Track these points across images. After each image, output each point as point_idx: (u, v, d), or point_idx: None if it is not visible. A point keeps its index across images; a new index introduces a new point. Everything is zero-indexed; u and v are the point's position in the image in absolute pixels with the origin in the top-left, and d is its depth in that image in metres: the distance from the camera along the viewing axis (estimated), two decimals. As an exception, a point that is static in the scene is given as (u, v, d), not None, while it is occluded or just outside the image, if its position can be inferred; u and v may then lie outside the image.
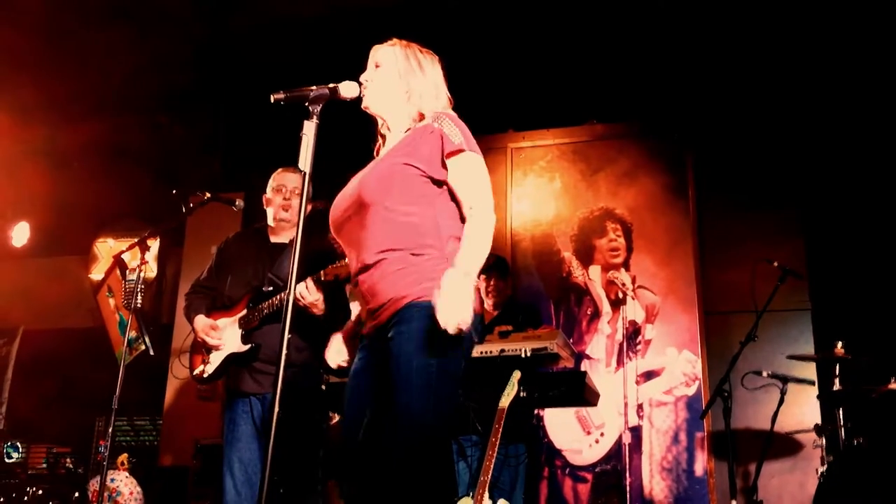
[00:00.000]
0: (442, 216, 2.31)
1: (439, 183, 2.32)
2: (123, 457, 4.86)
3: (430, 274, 2.18)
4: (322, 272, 3.14)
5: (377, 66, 2.44)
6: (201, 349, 3.59)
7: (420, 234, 2.25)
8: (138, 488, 4.74)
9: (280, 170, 3.63)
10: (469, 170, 2.32)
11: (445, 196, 2.34)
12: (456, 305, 2.08)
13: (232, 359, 3.46)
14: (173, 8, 5.30)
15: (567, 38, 5.47)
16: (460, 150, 2.29)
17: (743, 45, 5.27)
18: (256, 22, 5.51)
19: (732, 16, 5.17)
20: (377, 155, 2.50)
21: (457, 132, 2.31)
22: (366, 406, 2.30)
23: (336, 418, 4.40)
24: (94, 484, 4.72)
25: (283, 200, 3.55)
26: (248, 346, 3.41)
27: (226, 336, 3.49)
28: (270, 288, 3.43)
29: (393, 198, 2.25)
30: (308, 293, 3.19)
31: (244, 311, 3.46)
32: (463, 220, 2.33)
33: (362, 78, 2.42)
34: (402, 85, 2.41)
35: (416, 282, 2.19)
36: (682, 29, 5.32)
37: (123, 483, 4.70)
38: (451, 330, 2.09)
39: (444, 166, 2.31)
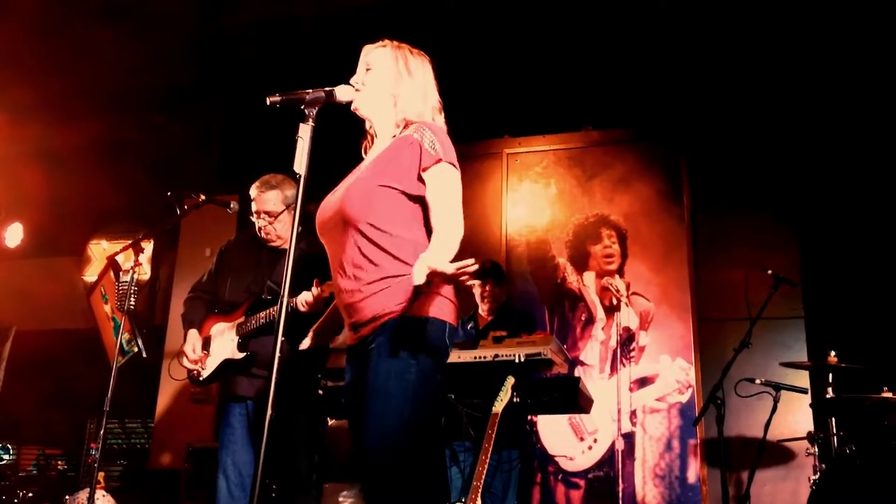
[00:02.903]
0: (419, 234, 2.33)
1: (416, 199, 2.34)
2: (100, 476, 4.86)
3: (408, 292, 2.23)
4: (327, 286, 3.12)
5: (368, 70, 2.46)
6: (201, 350, 3.58)
7: (398, 252, 2.28)
8: None
9: (254, 185, 3.58)
10: (442, 180, 2.33)
11: (424, 212, 2.35)
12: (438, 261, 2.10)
13: (227, 365, 3.45)
14: (170, 7, 5.29)
15: (562, 45, 5.48)
16: (437, 161, 2.31)
17: (738, 52, 5.29)
18: (253, 22, 5.51)
19: (727, 23, 5.19)
20: (365, 154, 2.53)
21: (437, 145, 2.32)
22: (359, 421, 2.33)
23: (331, 423, 4.39)
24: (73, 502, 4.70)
25: (258, 228, 3.55)
26: (243, 354, 3.40)
27: (222, 342, 3.49)
28: (269, 297, 3.42)
29: (372, 217, 2.29)
30: (312, 304, 3.20)
31: (242, 318, 3.45)
32: None
33: (353, 80, 2.43)
34: (390, 90, 2.43)
35: (395, 299, 2.24)
36: (677, 36, 5.34)
37: (101, 501, 4.68)
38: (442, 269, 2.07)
39: (422, 180, 2.32)
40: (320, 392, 3.69)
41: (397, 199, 2.31)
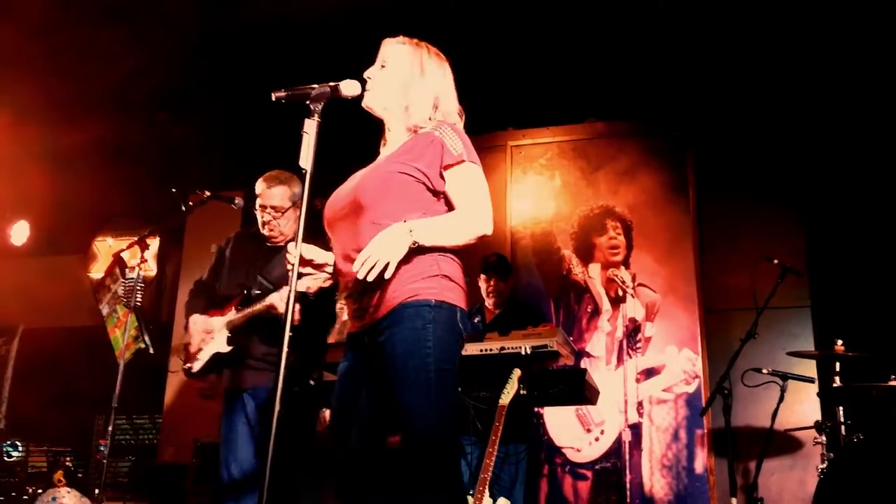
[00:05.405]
0: None
1: (436, 193, 2.34)
2: (59, 474, 4.93)
3: (420, 276, 2.23)
4: (308, 289, 3.10)
5: (383, 67, 2.43)
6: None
7: None
8: (84, 499, 4.75)
9: (261, 180, 3.57)
10: (466, 180, 2.35)
11: (441, 205, 2.36)
12: (381, 247, 2.14)
13: (217, 358, 3.47)
14: (172, 7, 5.29)
15: (567, 36, 5.46)
16: (459, 161, 2.32)
17: (743, 42, 5.27)
18: (255, 20, 5.50)
19: (732, 13, 5.17)
20: (381, 150, 2.51)
21: (458, 143, 2.33)
22: (354, 409, 2.32)
23: (327, 414, 4.40)
24: None
25: (262, 223, 3.53)
26: (230, 348, 3.42)
27: (214, 335, 3.51)
28: (258, 291, 3.43)
29: (388, 203, 2.27)
30: (281, 306, 3.18)
31: (232, 313, 3.47)
32: None
33: (366, 74, 2.41)
34: (402, 91, 2.40)
35: (407, 282, 2.23)
36: (681, 26, 5.31)
37: (68, 499, 4.72)
38: (362, 273, 2.13)
39: (443, 177, 2.33)
40: (311, 382, 3.68)
41: (415, 188, 2.30)
